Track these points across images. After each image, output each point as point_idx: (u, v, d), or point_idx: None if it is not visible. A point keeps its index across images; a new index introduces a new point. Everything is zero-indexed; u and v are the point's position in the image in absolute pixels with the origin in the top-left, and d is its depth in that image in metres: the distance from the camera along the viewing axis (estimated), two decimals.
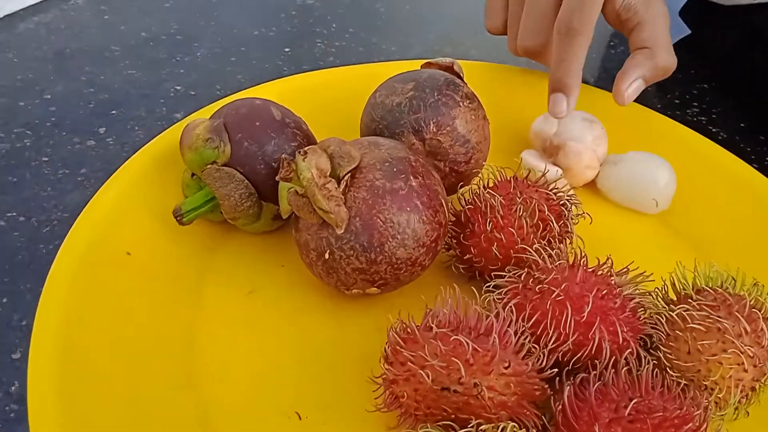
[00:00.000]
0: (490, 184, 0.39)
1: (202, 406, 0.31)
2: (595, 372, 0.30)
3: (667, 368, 0.31)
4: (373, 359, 0.31)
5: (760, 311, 0.31)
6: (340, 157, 0.33)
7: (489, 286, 0.34)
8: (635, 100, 0.45)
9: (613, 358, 0.30)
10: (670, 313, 0.32)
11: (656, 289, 0.34)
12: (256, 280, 0.38)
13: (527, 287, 0.32)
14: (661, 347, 0.32)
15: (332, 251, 0.33)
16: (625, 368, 0.30)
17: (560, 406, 0.28)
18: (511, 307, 0.31)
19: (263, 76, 0.58)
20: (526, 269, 0.34)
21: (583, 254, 0.33)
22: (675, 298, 0.34)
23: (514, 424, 0.27)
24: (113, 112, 0.53)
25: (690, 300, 0.32)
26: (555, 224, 0.36)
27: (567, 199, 0.38)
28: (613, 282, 0.32)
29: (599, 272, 0.33)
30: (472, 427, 0.27)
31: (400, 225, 0.33)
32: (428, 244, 0.34)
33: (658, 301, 0.33)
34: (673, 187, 0.43)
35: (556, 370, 0.29)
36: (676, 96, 0.61)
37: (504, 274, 0.34)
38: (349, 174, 0.33)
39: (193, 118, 0.41)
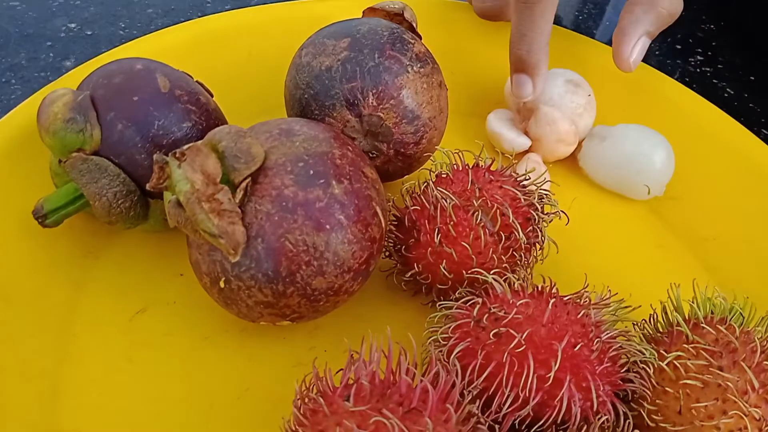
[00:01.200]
0: (444, 174, 0.31)
1: None
2: None
3: (651, 428, 0.25)
4: (287, 405, 0.24)
5: None
6: (235, 157, 0.24)
7: (434, 317, 0.27)
8: None
9: (583, 424, 0.24)
10: (659, 362, 0.25)
11: (643, 321, 0.28)
12: (147, 296, 0.30)
13: (481, 325, 0.25)
14: (645, 404, 0.25)
15: (228, 279, 0.25)
16: None
17: None
18: (454, 361, 0.24)
19: (181, 10, 0.47)
20: (480, 299, 0.26)
21: (553, 284, 0.26)
22: (666, 331, 0.27)
23: None
24: None
25: (685, 342, 0.26)
26: (521, 233, 0.28)
27: (538, 199, 0.30)
28: (590, 320, 0.25)
29: (575, 302, 0.26)
30: None
31: (317, 248, 0.25)
32: (356, 267, 0.26)
33: (645, 347, 0.26)
34: (671, 171, 0.36)
35: None
36: (678, 40, 0.52)
37: (451, 303, 0.27)
38: (249, 179, 0.25)
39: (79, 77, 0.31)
